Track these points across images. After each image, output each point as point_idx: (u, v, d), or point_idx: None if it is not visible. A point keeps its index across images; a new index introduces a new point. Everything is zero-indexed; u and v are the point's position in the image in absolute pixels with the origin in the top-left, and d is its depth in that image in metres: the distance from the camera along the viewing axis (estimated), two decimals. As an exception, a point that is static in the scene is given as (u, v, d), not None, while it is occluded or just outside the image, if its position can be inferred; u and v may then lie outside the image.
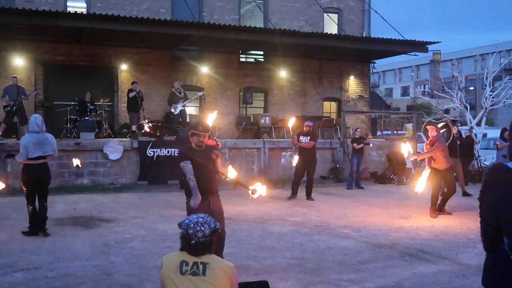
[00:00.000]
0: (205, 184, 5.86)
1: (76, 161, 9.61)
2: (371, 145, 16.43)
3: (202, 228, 3.23)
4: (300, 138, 12.85)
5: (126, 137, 16.41)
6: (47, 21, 15.37)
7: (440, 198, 10.76)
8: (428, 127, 11.03)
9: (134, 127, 16.04)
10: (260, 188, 5.63)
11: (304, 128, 12.90)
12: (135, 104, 15.97)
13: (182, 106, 16.31)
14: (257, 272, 6.28)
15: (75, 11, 16.74)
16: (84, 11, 17.97)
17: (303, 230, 9.01)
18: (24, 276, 6.15)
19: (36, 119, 8.35)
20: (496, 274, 2.46)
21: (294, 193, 12.77)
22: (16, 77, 15.28)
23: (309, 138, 12.79)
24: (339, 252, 7.42)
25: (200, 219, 3.29)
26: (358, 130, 15.83)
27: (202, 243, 3.21)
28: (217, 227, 3.30)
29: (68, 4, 18.60)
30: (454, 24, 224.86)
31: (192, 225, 3.25)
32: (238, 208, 10.98)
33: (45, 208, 8.44)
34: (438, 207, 10.66)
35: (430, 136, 10.51)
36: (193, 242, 3.21)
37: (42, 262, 6.75)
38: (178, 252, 3.30)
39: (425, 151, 10.66)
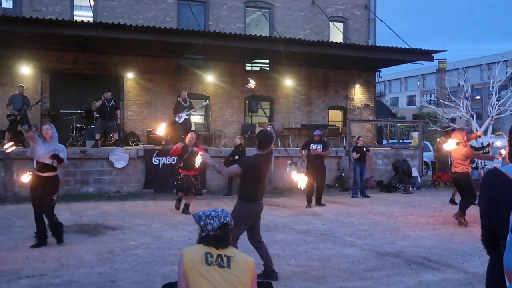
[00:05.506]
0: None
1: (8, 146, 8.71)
2: (370, 152, 16.46)
3: (212, 222, 3.25)
4: (312, 146, 13.17)
5: (132, 145, 16.42)
6: (54, 30, 15.50)
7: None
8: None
9: (97, 136, 15.52)
10: None
11: (315, 137, 13.27)
12: (102, 112, 15.48)
13: (187, 115, 16.30)
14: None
15: (82, 20, 16.81)
16: (91, 20, 18.05)
17: (308, 238, 8.99)
18: (29, 283, 6.16)
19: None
20: (495, 277, 2.47)
21: (309, 202, 12.95)
22: (22, 86, 15.36)
23: (321, 146, 13.21)
24: (345, 260, 7.39)
25: (213, 213, 3.32)
26: (360, 138, 15.83)
27: (211, 236, 3.22)
28: (227, 222, 3.29)
29: (75, 13, 18.72)
30: (458, 34, 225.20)
31: (203, 218, 3.29)
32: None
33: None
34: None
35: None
36: (203, 234, 3.25)
37: (47, 269, 6.75)
38: (198, 245, 3.30)
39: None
